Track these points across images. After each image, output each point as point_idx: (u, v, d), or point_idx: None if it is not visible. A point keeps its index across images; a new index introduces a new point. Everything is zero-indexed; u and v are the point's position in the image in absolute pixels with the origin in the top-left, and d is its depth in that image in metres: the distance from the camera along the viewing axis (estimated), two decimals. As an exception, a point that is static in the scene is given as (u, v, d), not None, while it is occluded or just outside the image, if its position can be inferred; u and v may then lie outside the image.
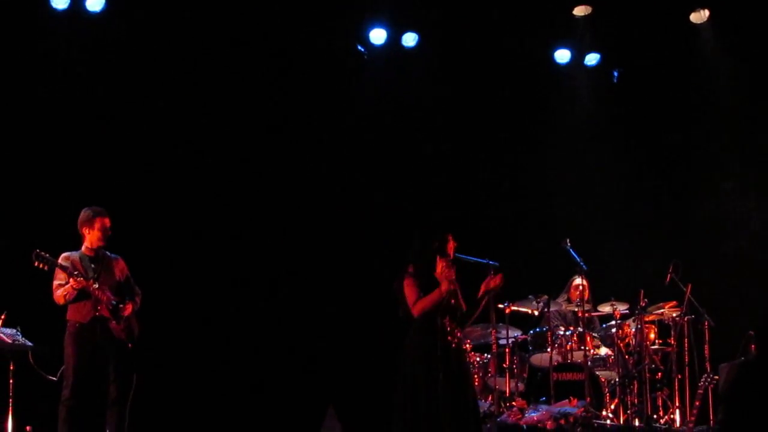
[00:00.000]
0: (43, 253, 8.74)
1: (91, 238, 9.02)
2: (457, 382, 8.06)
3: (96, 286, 8.82)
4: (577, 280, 11.74)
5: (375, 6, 12.67)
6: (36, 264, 8.72)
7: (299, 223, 12.38)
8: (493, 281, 8.28)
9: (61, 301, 8.84)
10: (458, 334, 8.24)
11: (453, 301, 8.15)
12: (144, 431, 9.66)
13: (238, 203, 12.09)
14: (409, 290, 8.12)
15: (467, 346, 11.07)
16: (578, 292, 11.71)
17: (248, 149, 12.24)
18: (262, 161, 12.29)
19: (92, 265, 8.96)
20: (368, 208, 12.62)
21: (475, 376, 11.16)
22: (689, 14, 13.01)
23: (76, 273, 8.76)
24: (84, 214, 9.07)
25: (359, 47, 12.76)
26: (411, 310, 8.10)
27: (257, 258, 12.07)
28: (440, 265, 8.17)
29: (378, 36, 12.81)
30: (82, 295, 8.80)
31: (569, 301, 11.97)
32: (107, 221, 9.04)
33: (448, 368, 7.99)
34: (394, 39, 12.89)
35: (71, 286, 8.74)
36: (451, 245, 8.26)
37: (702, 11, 12.92)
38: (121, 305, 8.96)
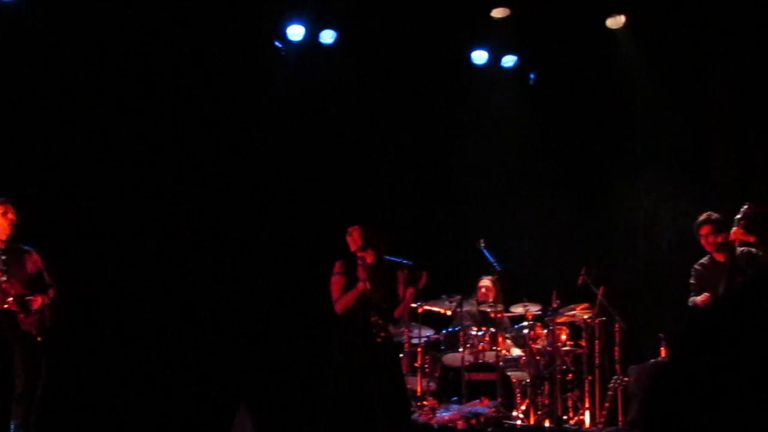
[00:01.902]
0: None
1: (-2, 229, 8.92)
2: (384, 378, 8.05)
3: (4, 278, 8.69)
4: (483, 281, 11.85)
5: (293, 2, 12.61)
6: None
7: (211, 221, 12.26)
8: (421, 282, 8.37)
9: (-33, 295, 8.71)
10: (384, 333, 8.25)
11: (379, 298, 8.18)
12: (52, 427, 9.54)
13: (149, 200, 11.93)
14: (333, 287, 8.25)
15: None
16: (482, 293, 11.82)
17: (163, 146, 12.09)
18: (175, 157, 12.15)
19: (3, 257, 8.83)
20: (281, 206, 12.55)
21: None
22: (606, 19, 13.11)
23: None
24: None
25: (276, 43, 12.69)
26: (334, 306, 8.18)
27: (170, 254, 11.94)
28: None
29: (296, 32, 12.73)
30: (-13, 288, 8.68)
31: (477, 302, 12.03)
32: (8, 211, 8.90)
33: (373, 365, 7.96)
34: (312, 36, 12.83)
35: (-27, 279, 8.63)
36: (349, 239, 8.32)
37: (618, 17, 13.03)
38: (30, 298, 8.83)
